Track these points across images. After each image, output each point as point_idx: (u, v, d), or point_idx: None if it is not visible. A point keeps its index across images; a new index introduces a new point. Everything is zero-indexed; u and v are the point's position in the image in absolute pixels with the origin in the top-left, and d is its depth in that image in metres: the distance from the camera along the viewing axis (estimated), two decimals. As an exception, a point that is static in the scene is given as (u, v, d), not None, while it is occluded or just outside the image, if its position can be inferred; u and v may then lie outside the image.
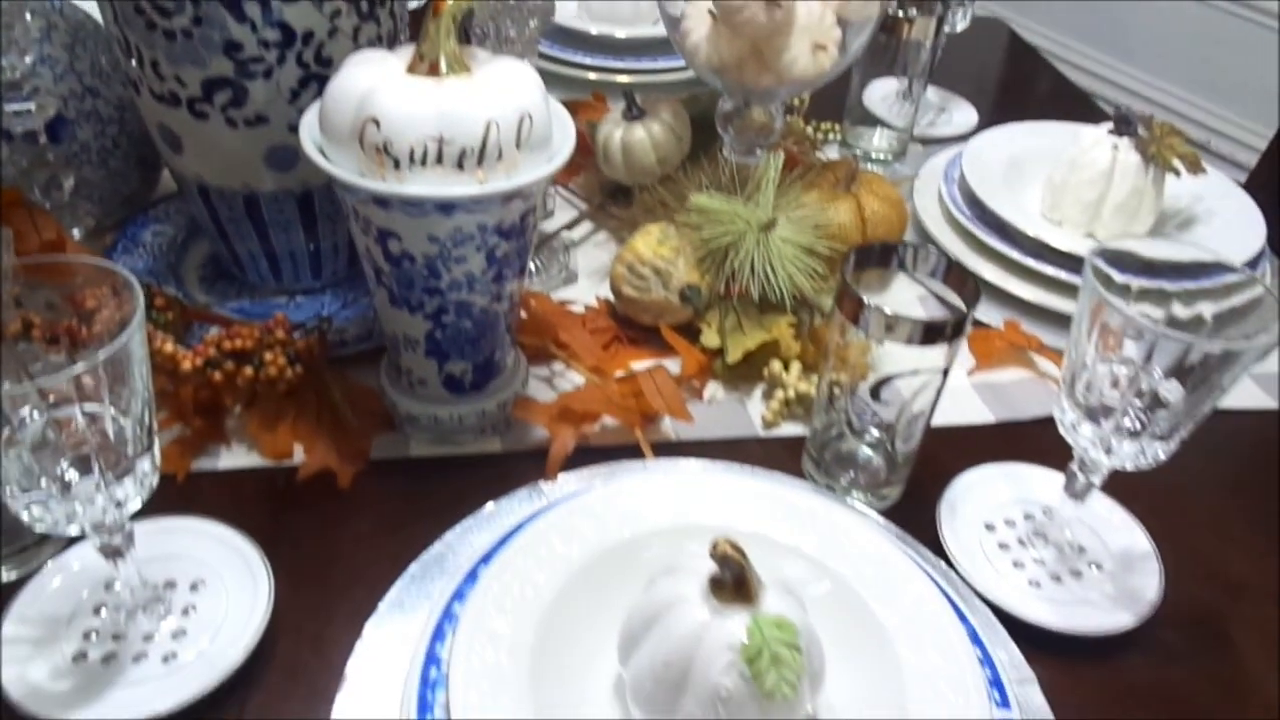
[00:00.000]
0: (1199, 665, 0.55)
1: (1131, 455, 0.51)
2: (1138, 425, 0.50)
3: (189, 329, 0.65)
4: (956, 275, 0.56)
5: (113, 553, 0.47)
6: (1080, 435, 0.52)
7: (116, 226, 0.76)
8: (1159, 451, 0.51)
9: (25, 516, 0.43)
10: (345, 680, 0.49)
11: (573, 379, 0.70)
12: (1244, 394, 0.75)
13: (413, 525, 0.58)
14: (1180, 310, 0.51)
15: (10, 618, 0.50)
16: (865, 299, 0.54)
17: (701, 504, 0.53)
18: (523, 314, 0.69)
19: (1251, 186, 0.93)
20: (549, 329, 0.70)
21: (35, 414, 0.41)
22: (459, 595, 0.49)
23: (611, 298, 0.75)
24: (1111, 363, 0.50)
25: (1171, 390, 0.48)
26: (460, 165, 0.50)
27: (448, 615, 0.48)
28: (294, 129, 0.56)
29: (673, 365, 0.70)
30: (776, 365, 0.68)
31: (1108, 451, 0.51)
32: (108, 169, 0.74)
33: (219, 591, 0.52)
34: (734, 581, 0.42)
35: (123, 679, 0.48)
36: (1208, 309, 0.51)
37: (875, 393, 0.57)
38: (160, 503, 0.56)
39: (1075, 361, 0.52)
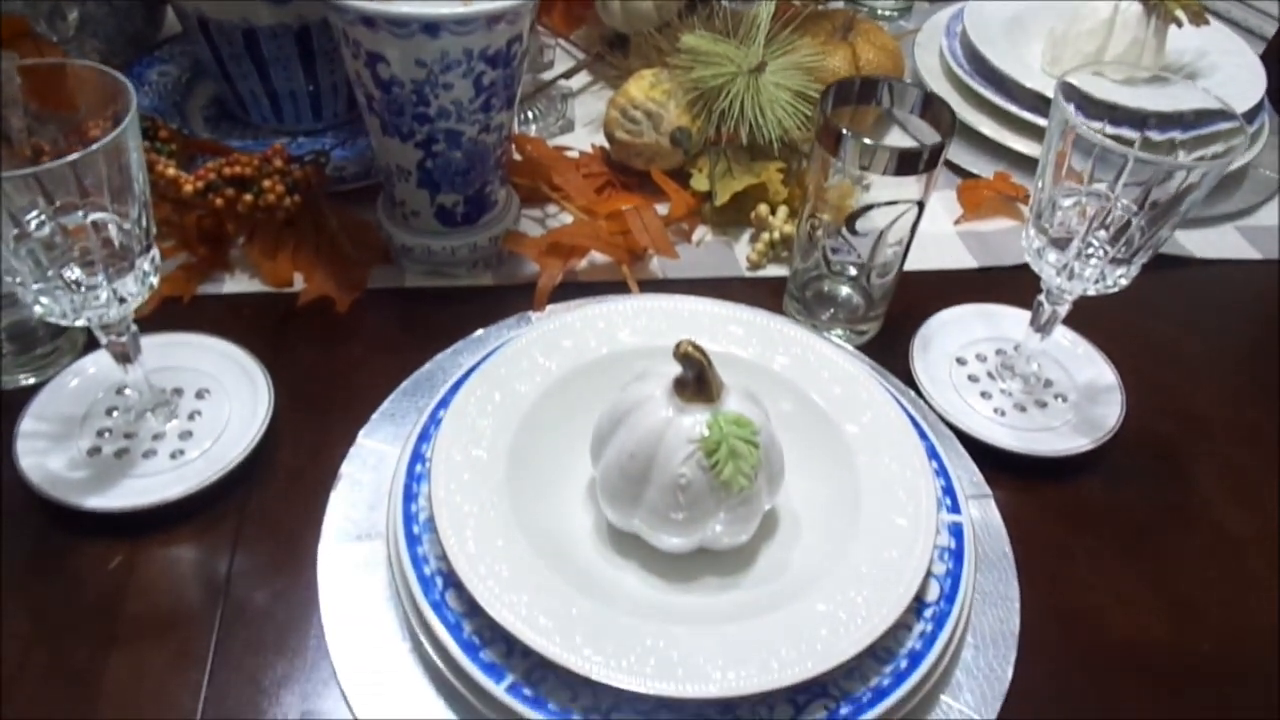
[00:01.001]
0: (1151, 490, 0.58)
1: (1093, 280, 0.52)
2: (1101, 253, 0.52)
3: (192, 161, 0.67)
4: (934, 110, 0.57)
5: (122, 355, 0.51)
6: (1045, 262, 0.53)
7: (122, 67, 0.77)
8: (1120, 277, 0.52)
9: (38, 309, 0.46)
10: (339, 480, 0.53)
11: (564, 220, 0.71)
12: (1226, 244, 0.76)
13: (406, 349, 0.61)
14: (1150, 136, 0.52)
15: (29, 415, 0.53)
16: (844, 130, 0.55)
17: (678, 327, 0.56)
18: (517, 156, 0.71)
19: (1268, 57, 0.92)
20: (543, 171, 0.71)
21: (43, 219, 0.44)
22: (444, 403, 0.52)
23: (606, 144, 0.76)
24: (1078, 194, 0.51)
25: (1132, 216, 0.50)
26: (447, -15, 0.51)
27: (434, 420, 0.52)
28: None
29: (664, 210, 0.71)
30: (763, 208, 0.70)
31: (1070, 277, 0.53)
32: (111, 4, 0.75)
33: (222, 400, 0.56)
34: (695, 380, 0.45)
35: (134, 471, 0.52)
36: (1178, 137, 0.51)
37: (851, 225, 0.58)
38: (167, 322, 0.59)
39: (1042, 190, 0.53)
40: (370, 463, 0.54)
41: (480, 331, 0.61)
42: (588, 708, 0.42)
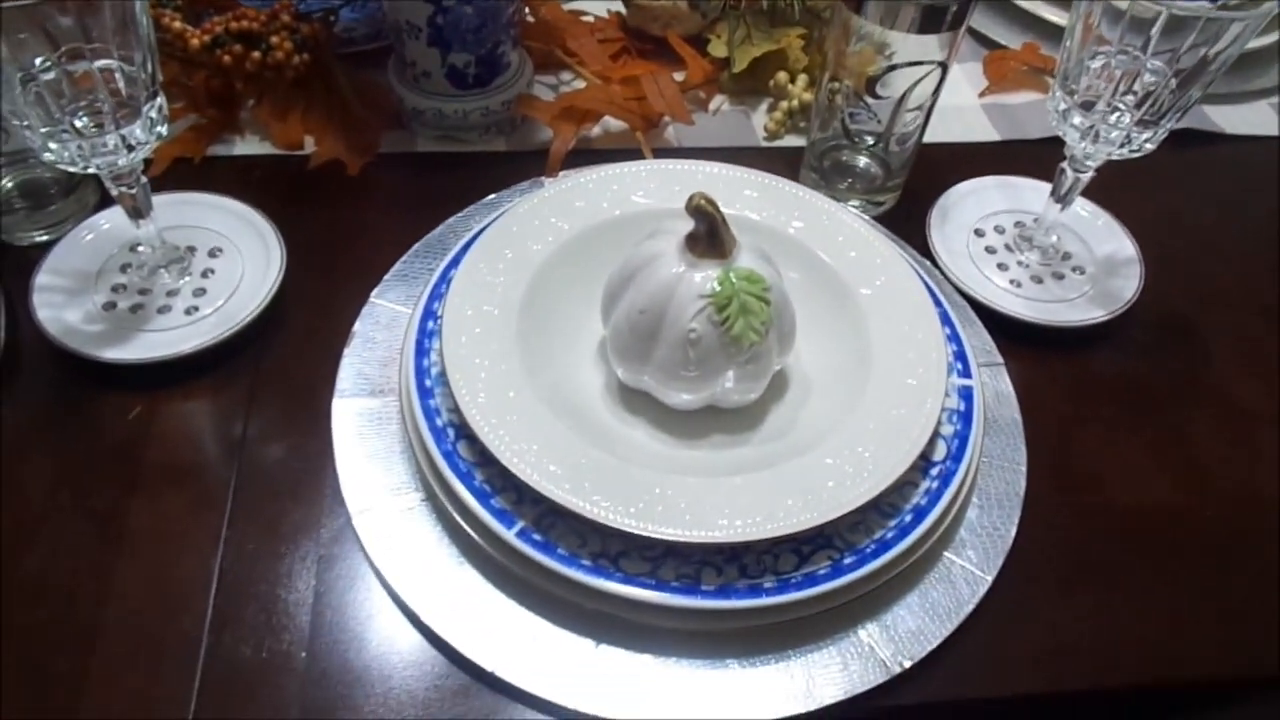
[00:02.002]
0: (1165, 362, 0.57)
1: (1118, 143, 0.51)
2: (1128, 116, 0.50)
3: (198, 18, 0.66)
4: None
5: (133, 209, 0.50)
6: (1070, 125, 0.52)
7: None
8: (1145, 141, 0.51)
9: (47, 155, 0.46)
10: (353, 338, 0.53)
11: (579, 86, 0.70)
12: (1259, 120, 0.73)
13: (418, 213, 0.60)
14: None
15: (45, 270, 0.53)
16: (866, -17, 0.53)
17: (692, 189, 0.55)
18: (530, 18, 0.69)
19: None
20: (557, 35, 0.69)
21: (49, 64, 0.43)
22: (455, 262, 0.52)
23: (622, 10, 0.74)
24: (1107, 55, 0.50)
25: (1161, 77, 0.48)
26: None
27: (445, 279, 0.51)
28: None
29: (680, 78, 0.69)
30: (782, 76, 0.68)
31: (1095, 140, 0.51)
32: None
33: (235, 259, 0.56)
34: (707, 234, 0.44)
35: (149, 325, 0.52)
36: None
37: (872, 88, 0.56)
38: (178, 182, 0.59)
39: (1070, 51, 0.51)
40: (383, 321, 0.54)
41: (493, 195, 0.61)
42: (596, 553, 0.43)
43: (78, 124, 0.45)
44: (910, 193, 0.64)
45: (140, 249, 0.55)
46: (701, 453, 0.47)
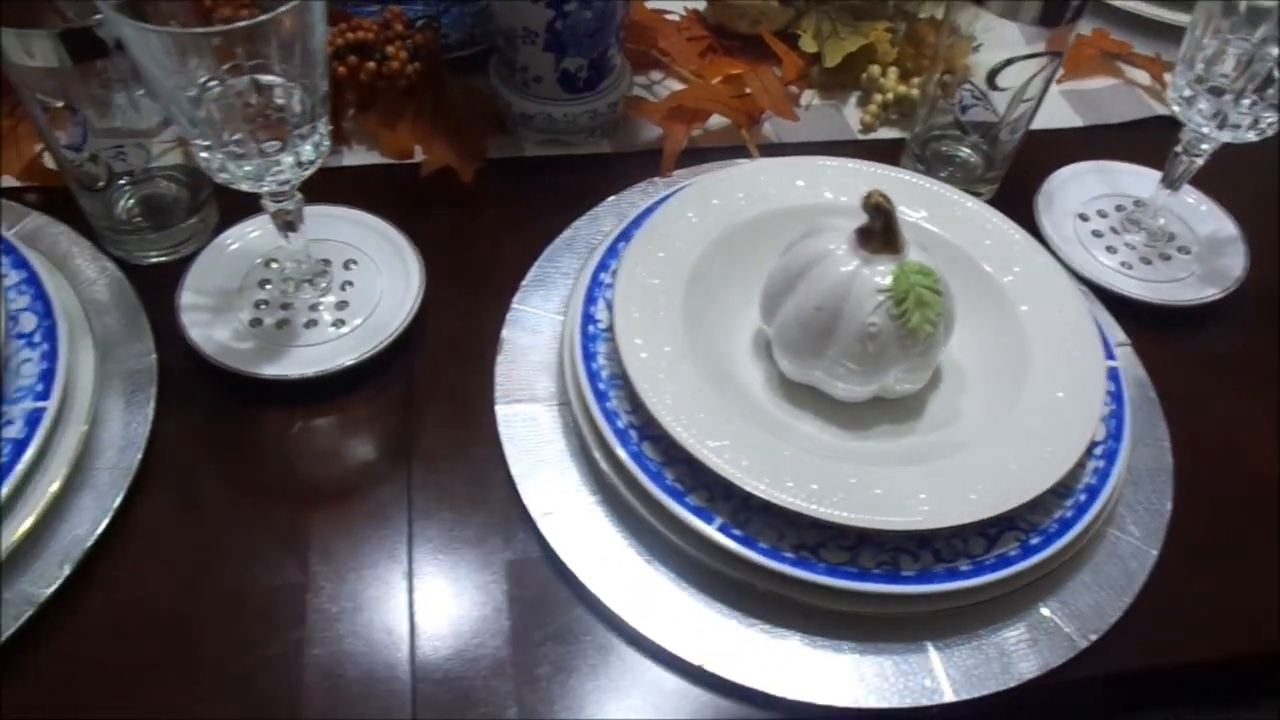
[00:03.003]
0: (1278, 336, 0.60)
1: (1246, 124, 0.53)
2: (1253, 100, 0.52)
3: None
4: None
5: (286, 224, 0.50)
6: (1195, 110, 0.54)
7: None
8: (1272, 123, 0.53)
9: (223, 176, 0.46)
10: (503, 344, 0.53)
11: (670, 86, 0.71)
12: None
13: (535, 217, 0.61)
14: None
15: (187, 289, 0.53)
16: (991, -22, 0.54)
17: (822, 186, 0.56)
18: (622, 19, 0.70)
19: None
20: (648, 35, 0.70)
21: (226, 85, 0.43)
22: (603, 267, 0.53)
23: (700, 8, 0.75)
24: (1232, 41, 0.52)
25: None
26: None
27: (596, 283, 0.52)
28: None
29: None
30: (875, 69, 0.69)
31: (1222, 125, 0.53)
32: None
33: (371, 270, 0.56)
34: (883, 230, 0.45)
35: (299, 340, 0.52)
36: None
37: (992, 80, 0.58)
38: None
39: (1195, 37, 0.53)
40: (528, 326, 0.54)
41: (611, 198, 0.61)
42: (796, 545, 0.44)
43: (252, 143, 0.45)
44: (1005, 180, 0.65)
45: (274, 265, 0.56)
46: (872, 443, 0.49)
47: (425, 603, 0.45)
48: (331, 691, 0.42)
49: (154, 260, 0.57)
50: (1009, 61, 0.57)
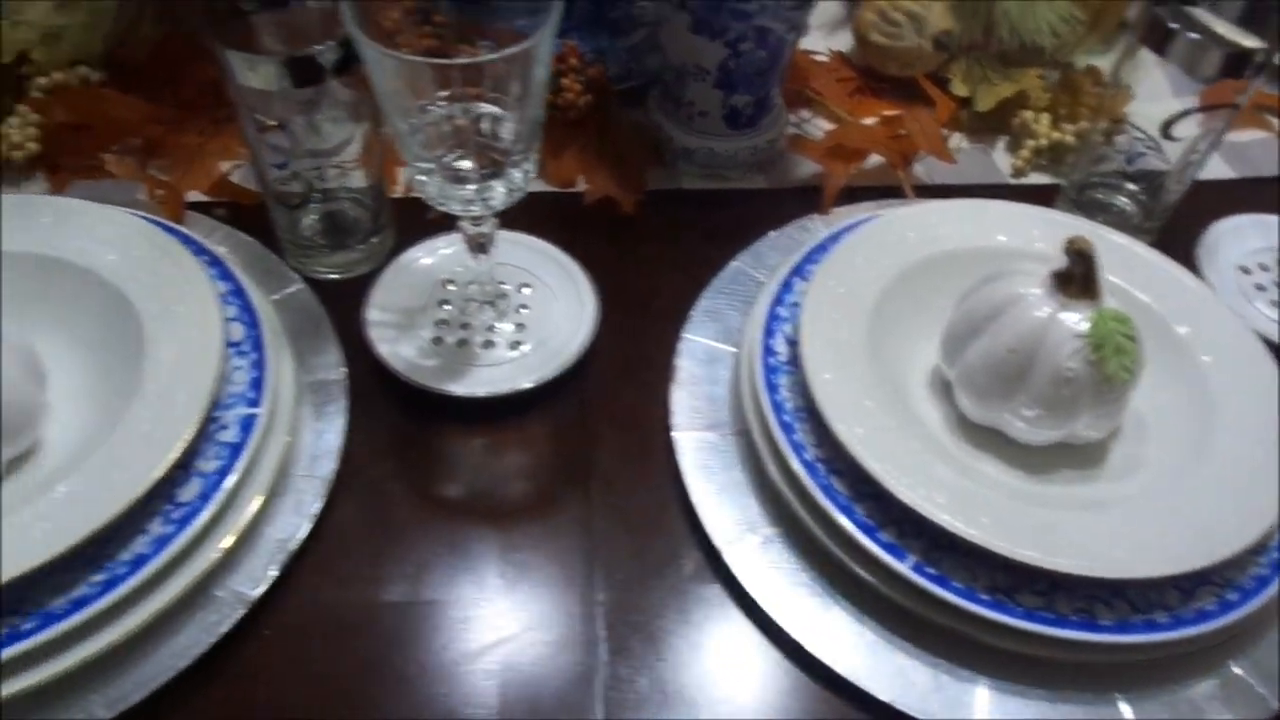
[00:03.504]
0: None
1: None
2: None
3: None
4: (1260, 11, 0.57)
5: (479, 247, 0.52)
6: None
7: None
8: None
9: (419, 185, 0.47)
10: (676, 373, 0.54)
11: (819, 125, 0.72)
12: None
13: (695, 248, 0.62)
14: None
15: (373, 306, 0.55)
16: (1172, 24, 0.54)
17: (996, 229, 0.56)
18: (776, 58, 0.71)
19: None
20: (800, 75, 0.71)
21: (442, 104, 0.45)
22: (779, 301, 0.54)
23: (845, 49, 0.76)
24: None
25: None
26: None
27: (774, 317, 0.53)
28: None
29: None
30: (1028, 114, 0.70)
31: None
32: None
33: (544, 294, 0.57)
34: (1083, 276, 0.46)
35: (480, 361, 0.54)
36: None
37: (1167, 130, 0.58)
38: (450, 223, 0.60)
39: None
40: (700, 357, 0.55)
41: (772, 233, 0.62)
42: (990, 587, 0.44)
43: (467, 168, 0.46)
44: (1160, 231, 0.65)
45: (451, 286, 0.57)
46: (1057, 488, 0.48)
47: (610, 625, 0.46)
48: (519, 708, 0.43)
49: (328, 277, 0.59)
50: (1185, 113, 0.57)
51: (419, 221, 0.61)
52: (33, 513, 0.40)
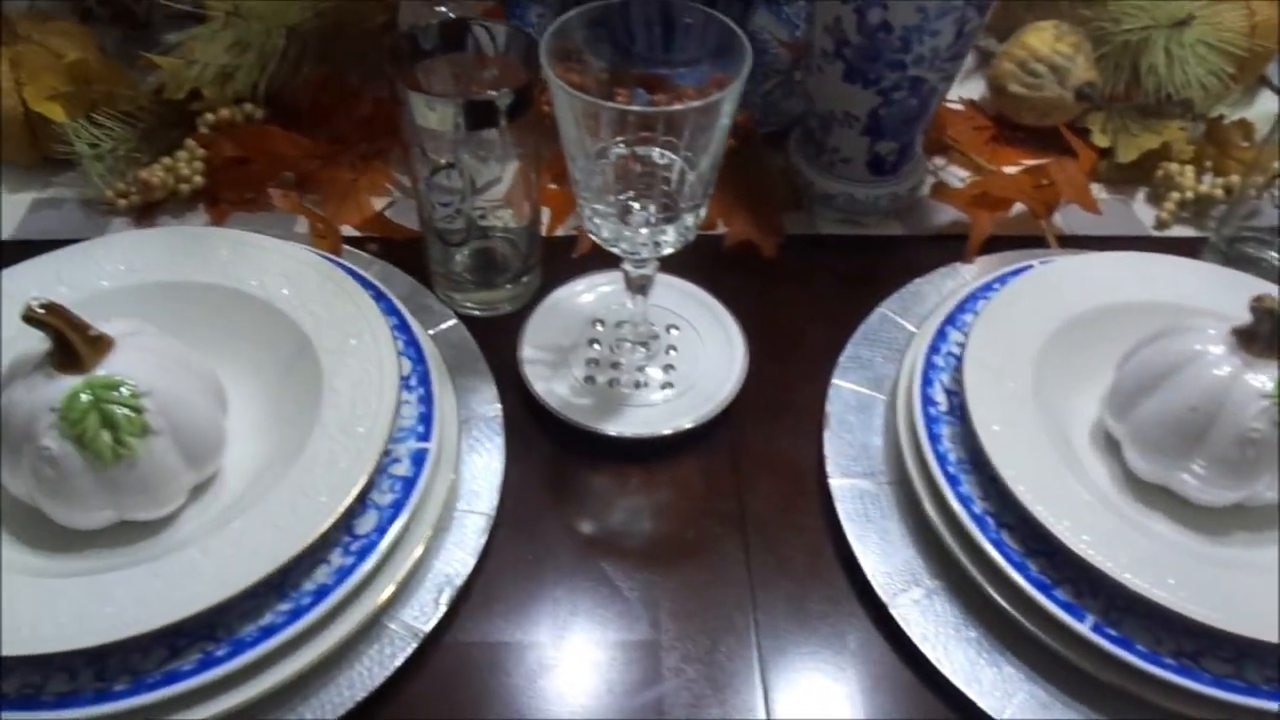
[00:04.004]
0: None
1: None
2: None
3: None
4: None
5: (640, 288, 0.53)
6: None
7: (501, 8, 0.79)
8: None
9: (593, 227, 0.48)
10: (828, 419, 0.54)
11: (954, 172, 0.71)
12: None
13: (837, 293, 0.62)
14: None
15: (525, 344, 0.56)
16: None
17: (1156, 282, 0.55)
18: (912, 106, 0.71)
19: None
20: (937, 123, 0.71)
21: (622, 147, 0.46)
22: (934, 349, 0.53)
23: (976, 98, 0.76)
24: None
25: None
26: (974, -69, 0.51)
27: (931, 366, 0.52)
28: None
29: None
30: (1173, 166, 0.69)
31: None
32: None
33: (692, 336, 0.58)
34: (1269, 334, 0.45)
35: (632, 401, 0.54)
36: None
37: (1334, 185, 0.57)
38: (600, 262, 0.61)
39: None
40: (851, 404, 0.55)
41: (917, 280, 0.62)
42: (1174, 651, 0.42)
43: (641, 211, 0.47)
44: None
45: (599, 325, 0.58)
46: (1234, 550, 0.47)
47: (776, 673, 0.45)
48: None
49: (472, 313, 0.60)
50: (1354, 170, 0.56)
51: (564, 261, 0.62)
52: (224, 539, 0.41)
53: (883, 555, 0.48)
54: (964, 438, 0.49)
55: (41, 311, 0.40)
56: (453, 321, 0.58)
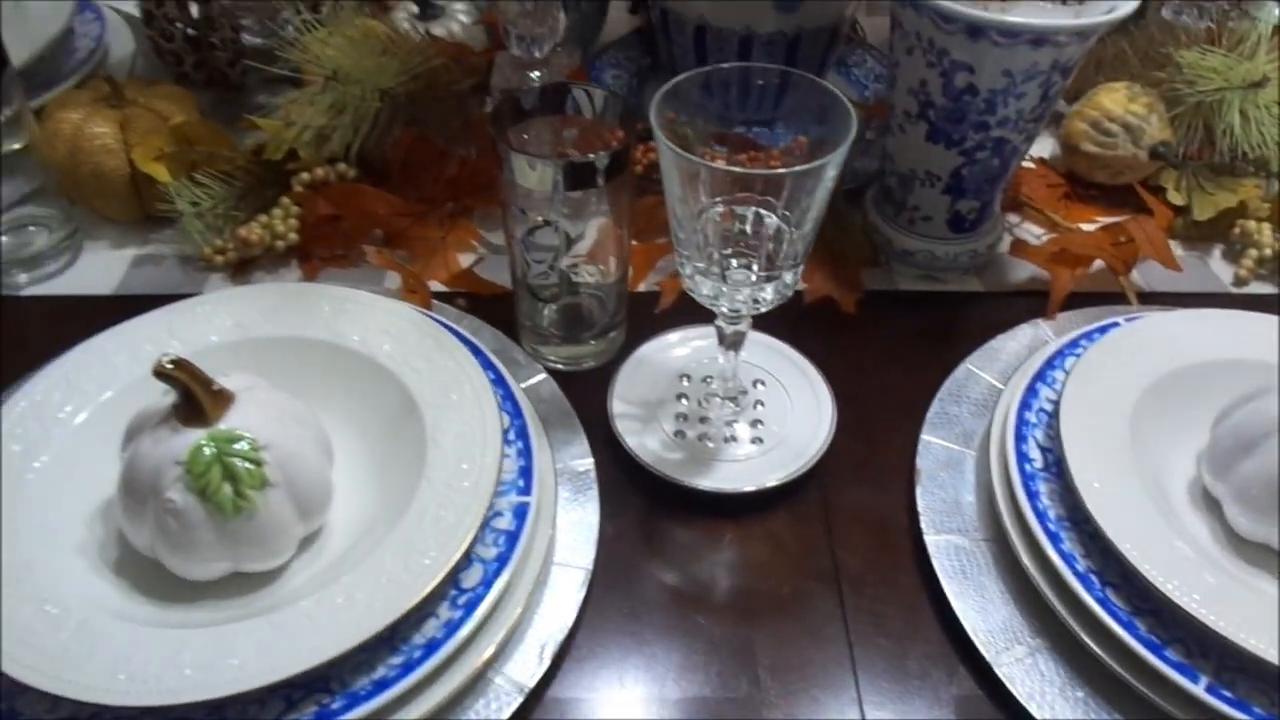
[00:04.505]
0: None
1: None
2: None
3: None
4: None
5: (734, 344, 0.53)
6: None
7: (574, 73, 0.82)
8: None
9: (692, 284, 0.49)
10: (919, 475, 0.54)
11: (1028, 229, 0.72)
12: None
13: (918, 349, 0.63)
14: None
15: (615, 398, 0.57)
16: None
17: (1247, 339, 0.55)
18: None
19: None
20: (1012, 181, 0.72)
21: (721, 205, 0.47)
22: (1025, 405, 0.53)
23: (1046, 156, 0.77)
24: None
25: None
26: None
27: (1023, 422, 0.53)
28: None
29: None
30: (1250, 224, 0.69)
31: None
32: (580, 12, 0.79)
33: (778, 391, 0.58)
34: (1379, 395, 0.44)
35: (722, 455, 0.55)
36: None
37: None
38: (684, 317, 0.62)
39: None
40: (941, 459, 0.55)
41: (1000, 336, 0.62)
42: (1292, 715, 0.42)
43: (741, 270, 0.48)
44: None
45: (685, 380, 0.58)
46: (1346, 613, 0.46)
47: (880, 732, 0.45)
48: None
49: (555, 367, 0.61)
50: None
51: (644, 317, 0.63)
52: (338, 592, 0.42)
53: (982, 613, 0.48)
54: (1063, 495, 0.49)
55: (170, 367, 0.41)
56: (542, 375, 0.59)
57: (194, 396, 0.42)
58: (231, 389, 0.44)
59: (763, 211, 0.47)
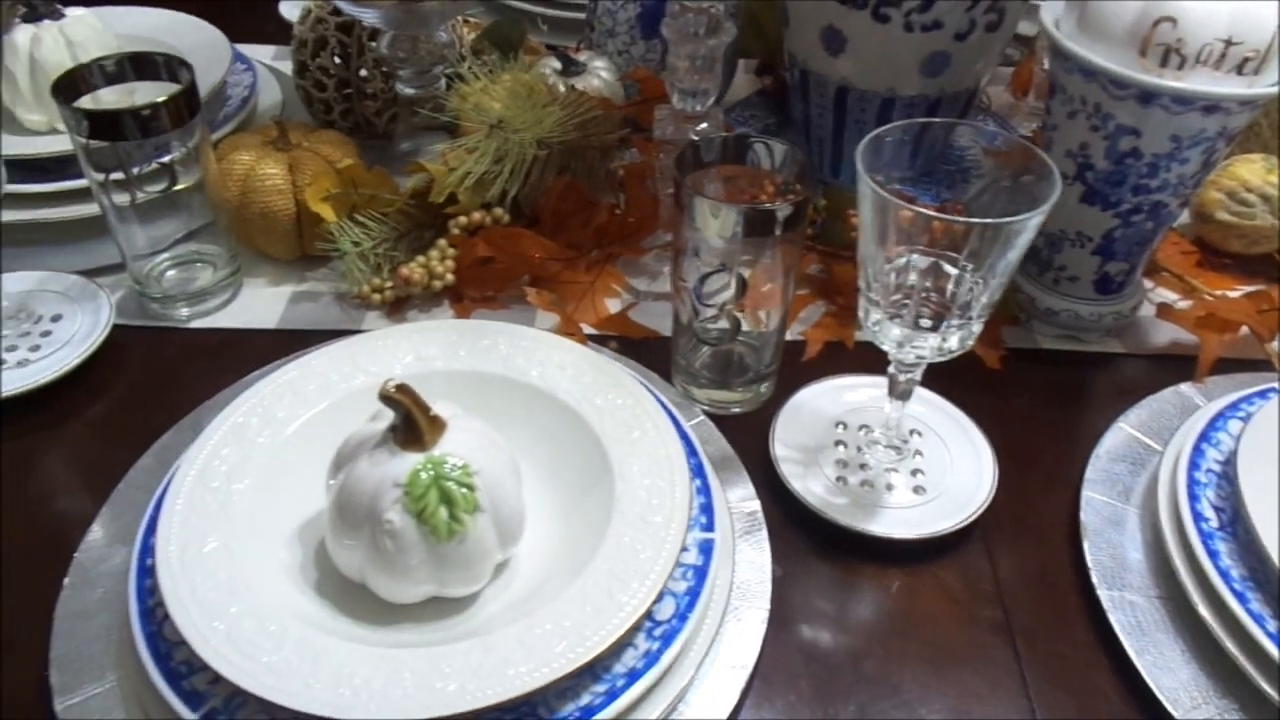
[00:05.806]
0: None
1: None
2: None
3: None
4: None
5: (903, 394, 0.54)
6: None
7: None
8: None
9: (887, 336, 0.50)
10: (1085, 530, 0.54)
11: (1162, 294, 0.73)
12: None
13: (1064, 406, 0.64)
14: None
15: (777, 442, 0.57)
16: None
17: None
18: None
19: None
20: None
21: (915, 257, 0.48)
22: (1194, 465, 0.54)
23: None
24: None
25: None
26: (1239, 69, 0.53)
27: (1193, 482, 0.53)
28: (960, 36, 0.62)
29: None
30: (1392, 295, 0.69)
31: None
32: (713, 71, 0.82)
33: (935, 441, 0.59)
34: None
35: (885, 502, 0.55)
36: None
37: None
38: (823, 369, 0.63)
39: None
40: (1104, 514, 0.55)
41: (1148, 399, 0.62)
42: None
43: (927, 318, 0.49)
44: None
45: (841, 427, 0.59)
46: None
47: (1070, 786, 0.45)
48: None
49: (697, 413, 0.62)
50: None
51: (790, 365, 0.64)
52: (546, 619, 0.43)
53: (1165, 671, 0.48)
54: (1242, 554, 0.49)
55: (395, 391, 0.43)
56: (700, 418, 0.59)
57: (414, 420, 0.43)
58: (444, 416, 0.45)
59: (954, 261, 0.48)
